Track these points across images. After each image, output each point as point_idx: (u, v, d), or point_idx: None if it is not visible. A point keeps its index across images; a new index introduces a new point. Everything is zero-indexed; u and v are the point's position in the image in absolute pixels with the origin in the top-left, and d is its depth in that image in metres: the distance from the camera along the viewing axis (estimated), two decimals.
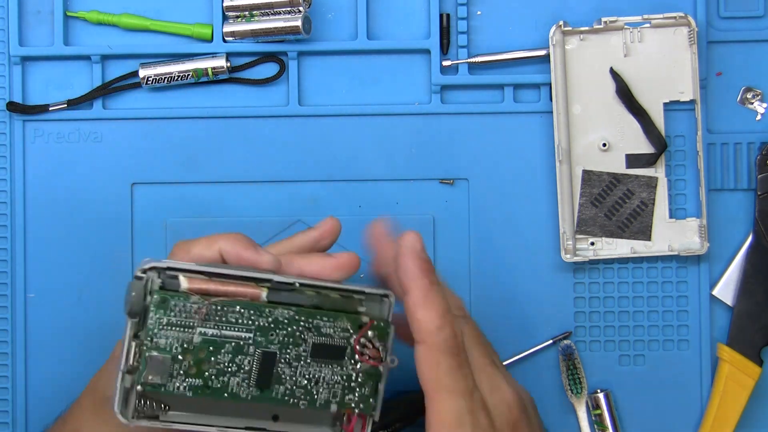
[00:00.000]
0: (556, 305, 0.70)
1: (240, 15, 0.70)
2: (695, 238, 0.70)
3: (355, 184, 0.70)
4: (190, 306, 0.56)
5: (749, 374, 0.69)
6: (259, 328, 0.57)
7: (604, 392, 0.69)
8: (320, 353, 0.58)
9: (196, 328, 0.56)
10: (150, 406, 0.57)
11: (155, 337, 0.55)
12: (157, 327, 0.56)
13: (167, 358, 0.56)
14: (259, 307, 0.57)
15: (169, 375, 0.56)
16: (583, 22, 0.70)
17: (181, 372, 0.56)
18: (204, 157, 0.71)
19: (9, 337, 0.70)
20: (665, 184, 0.70)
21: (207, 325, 0.56)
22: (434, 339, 0.57)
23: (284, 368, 0.58)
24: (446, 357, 0.57)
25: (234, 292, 0.57)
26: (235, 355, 0.57)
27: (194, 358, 0.56)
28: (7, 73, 0.71)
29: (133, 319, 0.56)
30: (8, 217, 0.71)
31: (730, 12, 0.71)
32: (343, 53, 0.71)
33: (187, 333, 0.56)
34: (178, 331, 0.56)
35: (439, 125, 0.71)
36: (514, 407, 0.59)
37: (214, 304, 0.56)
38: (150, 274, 0.56)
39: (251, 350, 0.57)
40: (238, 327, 0.57)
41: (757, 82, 0.71)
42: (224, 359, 0.57)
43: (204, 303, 0.56)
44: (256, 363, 0.57)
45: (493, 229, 0.70)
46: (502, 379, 0.60)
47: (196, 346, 0.56)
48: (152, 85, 0.70)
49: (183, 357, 0.56)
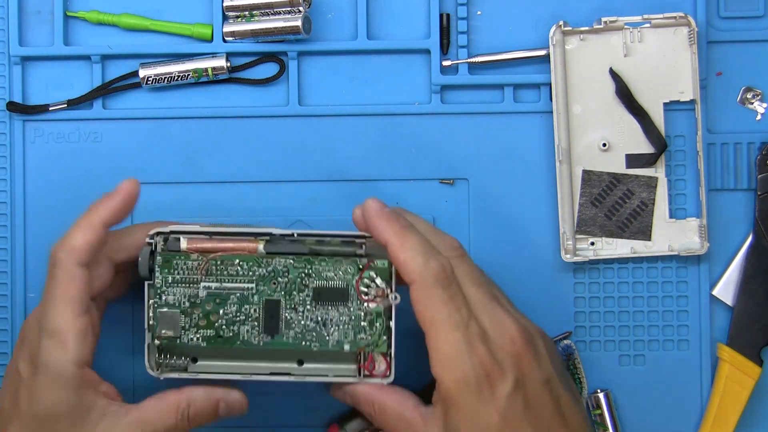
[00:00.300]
0: (556, 305, 0.70)
1: (240, 15, 0.70)
2: (695, 238, 0.70)
3: (355, 184, 0.70)
4: (192, 264, 0.62)
5: (749, 374, 0.69)
6: (260, 277, 0.62)
7: (604, 392, 0.69)
8: (323, 297, 0.62)
9: (200, 283, 0.62)
10: (177, 360, 0.63)
11: (164, 295, 0.62)
12: (163, 285, 0.62)
13: (176, 312, 0.62)
14: (257, 258, 0.62)
15: (181, 328, 0.62)
16: (583, 22, 0.70)
17: (192, 324, 0.62)
18: (204, 157, 0.71)
19: (9, 337, 0.70)
20: (665, 184, 0.70)
21: (210, 279, 0.62)
22: (421, 275, 0.59)
23: (290, 314, 0.62)
24: (436, 290, 0.59)
25: (232, 248, 0.63)
26: (241, 305, 0.62)
27: (203, 311, 0.62)
28: (7, 73, 0.71)
29: (147, 281, 0.62)
30: (8, 217, 0.71)
31: (730, 12, 0.71)
32: (343, 53, 0.71)
33: (193, 288, 0.62)
34: (183, 288, 0.62)
35: (439, 125, 0.71)
36: (517, 339, 0.59)
37: (214, 259, 0.62)
38: (156, 239, 0.63)
39: (255, 299, 0.62)
40: (240, 279, 0.62)
41: (757, 82, 0.71)
42: (231, 310, 0.62)
43: (203, 260, 0.62)
44: (261, 311, 0.62)
45: (493, 229, 0.70)
46: (503, 312, 0.60)
47: (203, 299, 0.62)
48: (152, 85, 0.70)
49: (192, 311, 0.62)
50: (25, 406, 0.61)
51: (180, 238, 0.63)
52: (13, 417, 0.61)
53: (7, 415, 0.62)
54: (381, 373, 0.63)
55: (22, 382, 0.61)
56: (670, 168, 0.70)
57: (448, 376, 0.59)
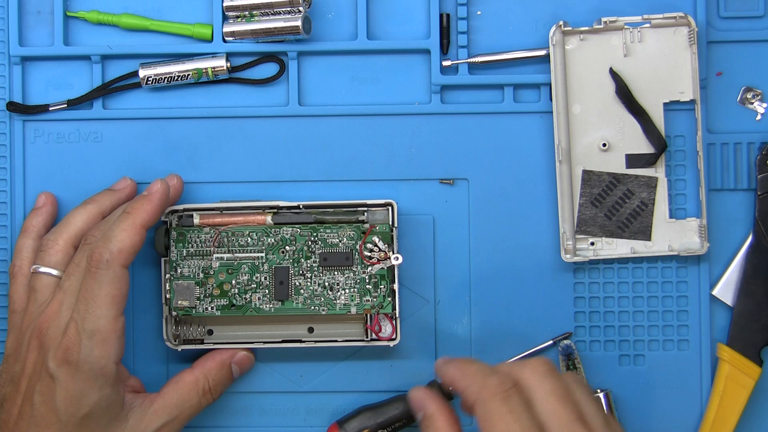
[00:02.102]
0: (556, 305, 0.70)
1: (240, 15, 0.70)
2: (695, 238, 0.70)
3: (354, 184, 0.70)
4: (204, 237, 0.67)
5: (749, 374, 0.69)
6: (269, 247, 0.66)
7: (604, 392, 0.69)
8: (329, 262, 0.66)
9: (213, 255, 0.66)
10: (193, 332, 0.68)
11: (179, 267, 0.67)
12: (178, 258, 0.67)
13: (191, 283, 0.66)
14: (266, 229, 0.67)
15: (197, 298, 0.66)
16: (583, 22, 0.70)
17: (207, 294, 0.66)
18: (204, 157, 0.71)
19: None
20: (665, 184, 0.70)
21: (221, 251, 0.67)
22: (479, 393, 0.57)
23: (299, 280, 0.66)
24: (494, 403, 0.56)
25: (242, 221, 0.67)
26: (252, 274, 0.66)
27: (216, 281, 0.66)
28: (7, 73, 0.71)
29: (164, 257, 0.67)
30: (8, 217, 0.71)
31: (730, 12, 0.71)
32: (343, 53, 0.71)
33: (206, 260, 0.67)
34: (198, 260, 0.66)
35: (439, 125, 0.71)
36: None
37: (225, 231, 0.66)
38: (170, 218, 0.67)
39: (265, 268, 0.66)
40: (250, 249, 0.67)
41: (757, 82, 0.71)
42: (243, 279, 0.66)
43: (215, 232, 0.66)
44: (271, 278, 0.66)
45: (493, 229, 0.70)
46: None
47: (216, 270, 0.66)
48: (152, 85, 0.70)
49: (206, 281, 0.66)
50: (64, 408, 0.61)
51: (193, 214, 0.67)
52: (49, 423, 0.61)
53: (39, 421, 0.61)
54: (387, 335, 0.67)
55: (59, 384, 0.61)
56: (670, 168, 0.70)
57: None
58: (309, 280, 0.66)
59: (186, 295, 0.66)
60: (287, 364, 0.70)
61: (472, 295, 0.70)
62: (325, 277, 0.66)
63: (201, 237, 0.67)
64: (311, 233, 0.66)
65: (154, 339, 0.70)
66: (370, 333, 0.67)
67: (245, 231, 0.67)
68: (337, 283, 0.66)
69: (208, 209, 0.67)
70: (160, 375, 0.70)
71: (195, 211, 0.67)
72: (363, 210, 0.67)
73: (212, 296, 0.66)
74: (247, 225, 0.67)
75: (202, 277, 0.66)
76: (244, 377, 0.70)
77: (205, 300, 0.66)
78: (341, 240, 0.66)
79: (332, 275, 0.66)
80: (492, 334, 0.70)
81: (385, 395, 0.69)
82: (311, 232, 0.66)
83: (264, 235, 0.66)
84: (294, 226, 0.67)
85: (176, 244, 0.67)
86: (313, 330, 0.68)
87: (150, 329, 0.70)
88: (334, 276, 0.66)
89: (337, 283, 0.66)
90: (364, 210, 0.67)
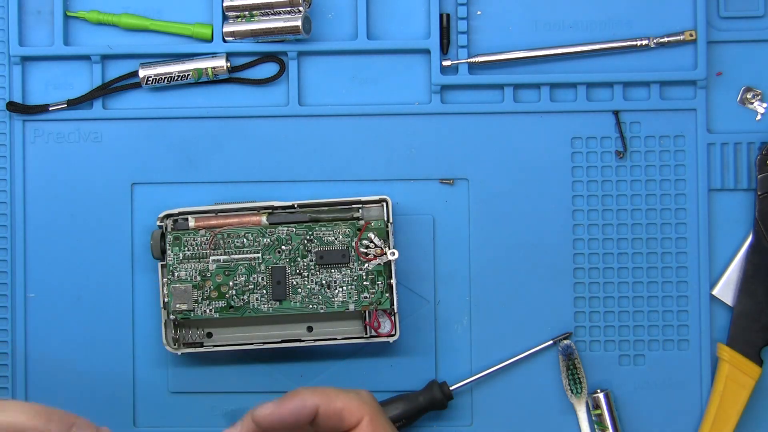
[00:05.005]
0: (556, 305, 0.70)
1: (240, 15, 0.70)
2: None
3: (355, 184, 0.70)
4: (200, 239, 0.66)
5: (749, 374, 0.68)
6: (265, 247, 0.66)
7: (604, 392, 0.69)
8: (326, 260, 0.66)
9: (209, 257, 0.66)
10: (192, 336, 0.68)
11: (176, 271, 0.66)
12: (175, 262, 0.66)
13: (189, 287, 0.66)
14: (261, 229, 0.66)
15: (195, 301, 0.66)
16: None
17: (205, 297, 0.66)
18: (204, 157, 0.71)
19: (9, 337, 0.70)
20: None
21: (218, 253, 0.66)
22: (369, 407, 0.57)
23: (296, 279, 0.66)
24: (383, 416, 0.57)
25: (237, 222, 0.67)
26: (249, 274, 0.66)
27: (213, 283, 0.66)
28: (7, 73, 0.71)
29: (160, 261, 0.67)
30: (8, 217, 0.71)
31: (730, 12, 0.71)
32: (343, 53, 0.71)
33: (203, 263, 0.66)
34: (194, 263, 0.66)
35: (439, 125, 0.71)
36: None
37: (221, 233, 0.66)
38: (166, 222, 0.67)
39: (262, 268, 0.66)
40: (246, 250, 0.66)
41: (757, 82, 0.71)
42: (240, 280, 0.66)
43: (211, 235, 0.66)
44: (268, 279, 0.66)
45: (493, 229, 0.70)
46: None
47: (212, 272, 0.66)
48: (152, 85, 0.70)
49: (203, 284, 0.66)
50: None
51: (188, 217, 0.67)
52: None
53: None
54: (386, 332, 0.67)
55: None
56: (670, 168, 0.70)
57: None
58: (306, 278, 0.66)
59: (184, 298, 0.66)
60: (287, 364, 0.70)
61: (472, 295, 0.70)
62: (322, 276, 0.66)
63: (197, 240, 0.66)
64: (307, 232, 0.66)
65: (153, 344, 0.70)
66: (370, 330, 0.67)
67: (241, 232, 0.66)
68: (334, 281, 0.66)
69: (203, 212, 0.67)
70: (161, 380, 0.70)
71: (190, 214, 0.67)
72: (358, 207, 0.67)
73: (210, 299, 0.66)
74: (243, 226, 0.67)
75: (200, 279, 0.66)
76: (244, 377, 0.70)
77: (203, 303, 0.66)
78: (337, 238, 0.66)
79: (329, 273, 0.66)
80: (492, 334, 0.70)
81: (385, 395, 0.69)
82: (307, 230, 0.66)
83: (260, 235, 0.66)
84: (289, 225, 0.67)
85: (172, 247, 0.66)
86: (312, 329, 0.68)
87: (149, 334, 0.70)
88: (331, 274, 0.66)
89: (334, 280, 0.66)
90: (358, 207, 0.67)
